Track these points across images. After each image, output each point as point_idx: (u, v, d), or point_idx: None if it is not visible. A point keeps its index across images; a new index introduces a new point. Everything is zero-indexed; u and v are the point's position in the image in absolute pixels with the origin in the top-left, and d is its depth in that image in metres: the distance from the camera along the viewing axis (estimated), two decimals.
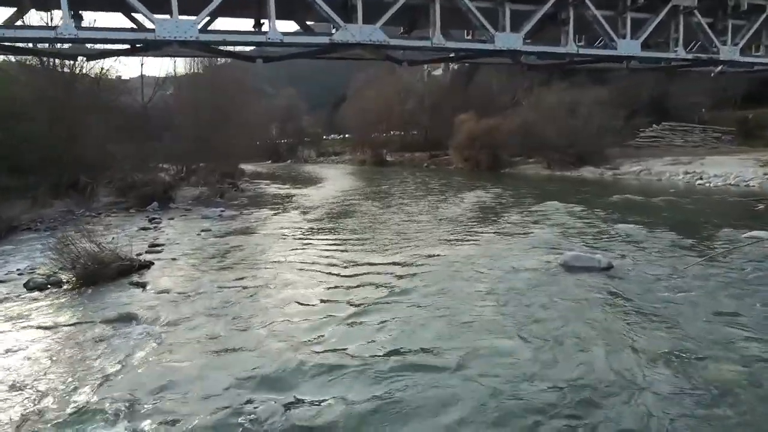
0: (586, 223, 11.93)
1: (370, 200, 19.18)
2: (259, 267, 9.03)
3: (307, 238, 11.51)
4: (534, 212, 13.98)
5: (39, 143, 18.96)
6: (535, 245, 9.72)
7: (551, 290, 7.17)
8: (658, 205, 15.24)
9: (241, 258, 9.83)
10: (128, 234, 13.75)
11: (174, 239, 12.38)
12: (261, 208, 18.51)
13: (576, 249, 9.13)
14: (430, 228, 12.19)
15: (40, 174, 19.34)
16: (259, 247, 10.77)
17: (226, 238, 12.32)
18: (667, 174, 24.48)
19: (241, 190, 26.45)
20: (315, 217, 15.27)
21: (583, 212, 13.61)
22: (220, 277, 8.45)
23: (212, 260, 9.82)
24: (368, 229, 12.59)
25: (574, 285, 7.37)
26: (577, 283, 7.43)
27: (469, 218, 13.68)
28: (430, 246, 10.09)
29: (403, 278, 7.86)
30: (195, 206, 20.42)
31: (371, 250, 10.12)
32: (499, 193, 20.16)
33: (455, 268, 8.36)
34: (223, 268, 9.16)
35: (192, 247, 11.25)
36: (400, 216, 14.51)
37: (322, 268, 8.62)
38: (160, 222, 15.82)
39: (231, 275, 8.55)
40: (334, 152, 73.07)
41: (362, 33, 10.05)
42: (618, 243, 9.69)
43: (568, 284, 7.44)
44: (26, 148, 18.25)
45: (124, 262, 8.89)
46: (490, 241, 10.38)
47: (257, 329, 6.05)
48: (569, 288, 7.25)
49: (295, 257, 9.66)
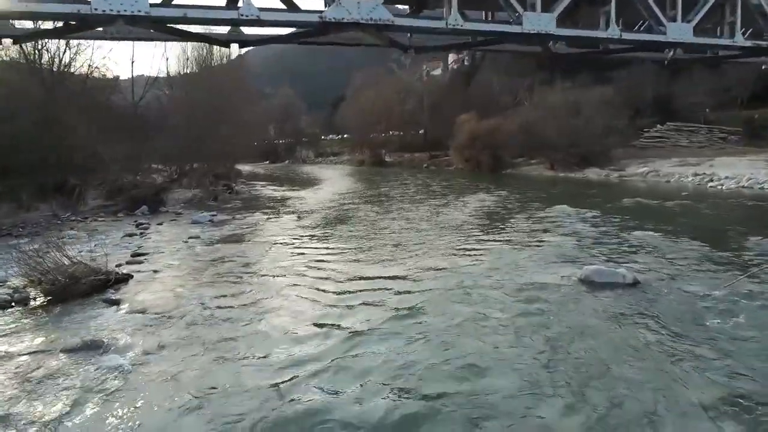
0: (601, 231, 11.11)
1: (369, 204, 18.35)
2: (247, 282, 8.20)
3: (301, 248, 10.68)
4: (543, 218, 13.17)
5: (23, 144, 18.12)
6: (550, 257, 8.91)
7: (573, 312, 6.37)
8: (673, 209, 14.46)
9: (227, 271, 9.00)
10: (112, 241, 12.97)
11: (159, 247, 11.56)
12: (254, 212, 17.68)
13: (596, 262, 8.34)
14: (433, 236, 11.36)
15: (25, 176, 18.51)
16: (248, 259, 9.93)
17: (215, 246, 11.49)
18: (676, 176, 23.72)
19: (235, 192, 25.65)
20: (310, 223, 14.43)
21: (596, 218, 12.81)
22: (204, 294, 7.62)
23: (197, 273, 9.00)
24: (366, 237, 11.75)
25: (598, 305, 6.57)
26: (602, 304, 6.62)
27: (474, 225, 12.85)
28: (433, 258, 9.27)
29: (404, 298, 7.05)
30: (187, 210, 19.61)
31: (369, 261, 9.30)
32: (504, 196, 19.36)
33: (462, 284, 7.54)
34: (208, 282, 8.33)
35: (177, 257, 10.43)
36: (400, 222, 13.65)
37: (316, 285, 7.79)
38: (148, 227, 15.00)
39: (215, 291, 7.73)
40: (333, 153, 72.42)
41: (360, 9, 8.20)
42: (640, 254, 8.88)
43: (591, 304, 6.63)
44: (9, 148, 17.40)
45: (99, 276, 8.06)
46: (498, 251, 9.56)
47: (240, 362, 5.23)
48: (594, 309, 6.45)
49: (287, 271, 8.83)
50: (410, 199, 19.32)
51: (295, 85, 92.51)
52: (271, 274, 8.62)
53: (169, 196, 21.76)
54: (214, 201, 21.87)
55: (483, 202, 17.51)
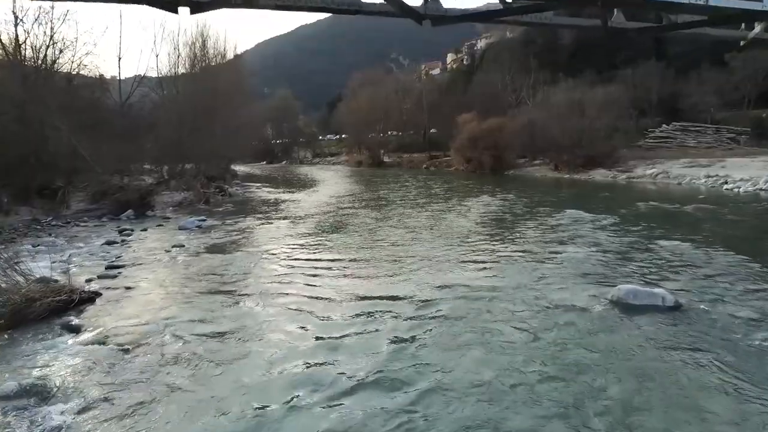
0: (624, 241, 10.10)
1: (367, 209, 17.30)
2: (229, 304, 7.18)
3: (292, 262, 9.65)
4: (556, 226, 12.15)
5: (3, 144, 17.09)
6: (572, 272, 7.91)
7: (608, 343, 5.40)
8: (694, 215, 13.48)
9: (208, 289, 7.98)
10: (90, 249, 11.95)
11: (138, 258, 10.54)
12: (246, 216, 16.64)
13: (628, 279, 7.35)
14: (437, 247, 10.32)
15: (5, 178, 17.47)
16: (234, 274, 8.91)
17: (199, 257, 10.46)
18: (687, 178, 22.76)
19: (228, 194, 24.60)
20: (304, 230, 13.38)
21: (614, 225, 11.81)
22: (178, 318, 6.61)
23: (174, 291, 7.98)
24: (364, 248, 10.71)
25: (638, 335, 5.59)
26: (642, 333, 5.64)
27: (482, 233, 11.80)
28: (439, 273, 8.25)
29: (409, 327, 6.05)
30: (176, 214, 18.62)
31: (368, 278, 8.28)
32: (509, 200, 18.36)
33: (475, 307, 6.55)
34: (185, 303, 7.31)
35: (155, 270, 9.41)
36: (401, 231, 12.55)
37: (307, 310, 6.78)
38: (131, 234, 13.98)
39: (191, 315, 6.71)
40: (330, 153, 71.53)
41: None
42: (674, 269, 7.88)
43: (629, 333, 5.65)
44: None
45: (59, 297, 7.04)
46: (513, 266, 8.55)
47: (213, 417, 4.22)
48: (633, 339, 5.47)
49: (275, 290, 7.82)
50: (411, 204, 18.27)
51: (293, 85, 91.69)
52: (258, 293, 7.59)
53: (158, 199, 20.73)
54: (205, 204, 20.84)
55: (488, 207, 16.51)
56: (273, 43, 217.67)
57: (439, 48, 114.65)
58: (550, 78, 41.49)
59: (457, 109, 40.77)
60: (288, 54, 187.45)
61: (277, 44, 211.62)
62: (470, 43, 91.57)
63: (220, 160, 32.30)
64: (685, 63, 39.57)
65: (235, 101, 35.49)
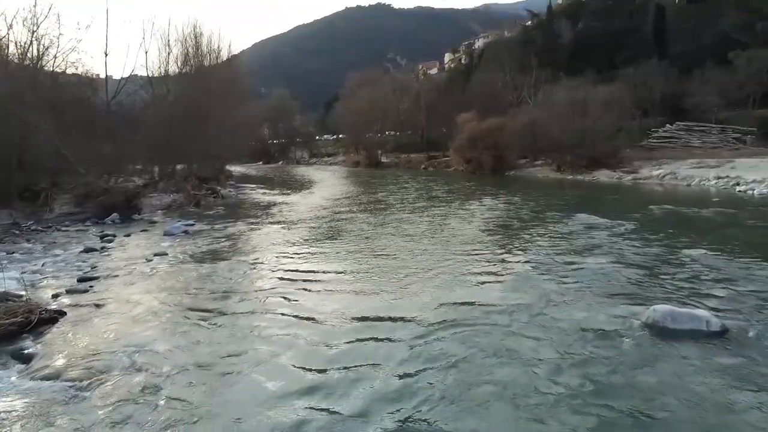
0: (647, 251, 9.20)
1: (365, 213, 16.40)
2: (209, 326, 6.32)
3: (283, 272, 8.78)
4: (569, 233, 11.25)
5: None
6: (595, 289, 7.06)
7: (648, 379, 4.57)
8: (714, 219, 12.66)
9: (187, 306, 7.12)
10: (66, 258, 11.09)
11: (115, 268, 9.66)
12: (237, 221, 15.76)
13: (661, 297, 6.50)
14: (441, 258, 9.42)
15: None
16: (217, 288, 8.04)
17: (181, 267, 9.59)
18: (696, 179, 21.98)
19: (221, 196, 23.70)
20: (297, 237, 12.49)
21: (632, 233, 10.95)
22: (151, 343, 5.76)
23: (149, 307, 7.10)
24: (361, 259, 9.80)
25: (683, 368, 4.77)
26: (687, 365, 4.81)
27: (489, 242, 10.88)
28: (443, 289, 7.38)
29: (411, 353, 5.21)
30: (164, 217, 17.73)
31: (364, 293, 7.41)
32: (514, 203, 17.52)
33: (485, 332, 5.71)
34: (160, 324, 6.45)
35: (131, 283, 8.53)
36: (401, 239, 11.55)
37: (300, 330, 5.94)
38: (113, 240, 13.10)
39: (166, 340, 5.85)
40: (327, 153, 70.72)
41: None
42: (709, 285, 7.03)
43: (672, 366, 4.82)
44: None
45: (15, 319, 6.17)
46: (525, 280, 7.68)
47: None
48: (678, 374, 4.65)
49: (263, 307, 6.97)
50: (410, 208, 17.36)
51: (290, 85, 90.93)
52: (242, 313, 6.72)
53: (146, 201, 19.84)
54: (195, 207, 19.97)
55: (493, 211, 15.66)
56: (270, 42, 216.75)
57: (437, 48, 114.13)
58: (551, 77, 40.78)
59: (455, 109, 40.00)
60: (285, 54, 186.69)
61: (274, 44, 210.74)
62: (468, 43, 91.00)
63: (214, 160, 31.41)
64: (687, 62, 38.91)
65: (230, 101, 34.67)
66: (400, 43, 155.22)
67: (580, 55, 45.44)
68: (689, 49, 41.05)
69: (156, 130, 24.15)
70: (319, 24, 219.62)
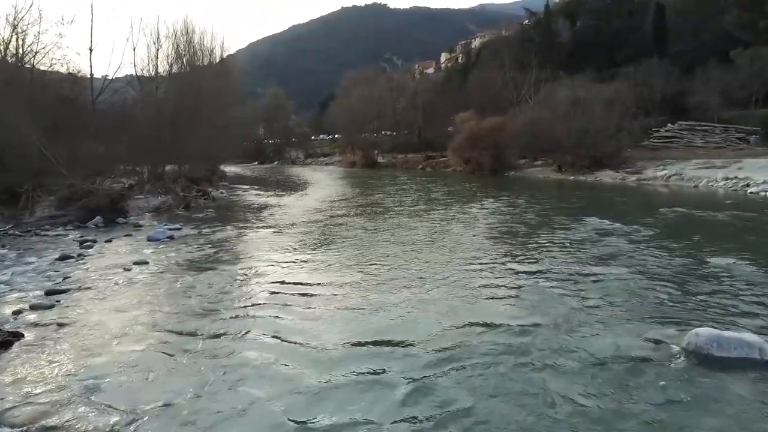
0: (671, 262, 8.30)
1: (361, 217, 15.58)
2: (187, 350, 5.52)
3: (273, 284, 7.98)
4: (582, 240, 10.42)
5: None
6: (621, 306, 6.29)
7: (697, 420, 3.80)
8: (733, 224, 11.93)
9: (165, 325, 6.32)
10: (39, 266, 10.26)
11: (89, 279, 8.85)
12: (227, 225, 14.94)
13: (696, 316, 5.75)
14: (445, 269, 8.61)
15: None
16: (199, 303, 7.23)
17: (161, 279, 8.78)
18: (703, 180, 21.31)
19: (212, 198, 22.82)
20: (289, 243, 11.66)
21: (650, 239, 10.17)
22: (117, 374, 4.96)
23: (121, 327, 6.30)
24: (358, 269, 8.98)
25: (735, 403, 4.03)
26: (742, 403, 4.06)
27: (496, 250, 10.01)
28: (449, 305, 6.59)
29: (415, 386, 4.45)
30: (151, 220, 16.89)
31: (360, 311, 6.61)
32: (518, 205, 16.78)
33: (500, 359, 4.95)
34: (130, 349, 5.65)
35: (105, 297, 7.71)
36: (401, 247, 10.65)
37: (285, 359, 5.16)
38: (92, 246, 12.26)
39: (134, 370, 5.05)
40: (323, 153, 69.98)
41: None
42: (749, 302, 6.25)
43: (721, 401, 4.09)
44: None
45: None
46: (542, 295, 6.88)
47: None
48: (729, 411, 3.91)
49: (249, 325, 6.19)
50: (409, 211, 16.52)
51: (286, 84, 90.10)
52: (225, 334, 5.93)
53: (133, 204, 18.99)
54: (184, 209, 19.11)
55: (495, 215, 14.90)
56: (266, 42, 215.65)
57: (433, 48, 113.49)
58: (551, 76, 40.12)
59: (452, 109, 39.37)
60: (281, 54, 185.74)
61: (269, 44, 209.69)
62: (465, 42, 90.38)
63: (206, 160, 30.54)
64: (688, 60, 38.34)
65: (223, 99, 33.84)
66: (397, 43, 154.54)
67: (578, 53, 44.82)
68: (689, 48, 40.48)
69: (144, 129, 23.27)
70: (315, 24, 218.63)
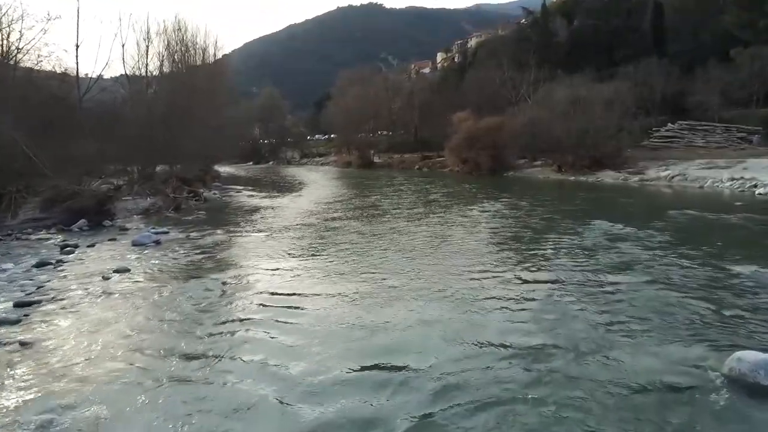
0: (695, 273, 7.63)
1: (357, 221, 14.89)
2: (157, 379, 4.89)
3: (262, 295, 7.36)
4: (593, 246, 9.75)
5: None
6: (645, 323, 5.69)
7: None
8: (749, 228, 11.34)
9: (140, 344, 5.69)
10: (13, 274, 9.62)
11: (64, 289, 8.19)
12: (217, 228, 14.27)
13: (733, 336, 5.16)
14: (446, 278, 7.98)
15: None
16: (178, 317, 6.60)
17: (142, 288, 8.13)
18: (709, 180, 20.80)
19: (203, 199, 22.14)
20: (282, 249, 10.99)
21: (666, 245, 9.56)
22: (77, 407, 4.32)
23: (88, 347, 5.67)
24: (353, 278, 8.31)
25: None
26: None
27: (503, 258, 9.32)
28: (453, 325, 5.97)
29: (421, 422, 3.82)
30: (140, 223, 16.21)
31: (356, 328, 5.99)
32: (520, 207, 16.19)
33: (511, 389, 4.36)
34: (100, 374, 5.02)
35: (78, 310, 7.06)
36: (400, 254, 9.95)
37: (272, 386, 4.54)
38: (74, 251, 11.60)
39: (103, 401, 4.41)
40: (319, 153, 69.27)
41: None
42: None
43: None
44: None
45: None
46: (556, 312, 6.21)
47: None
48: None
49: (235, 343, 5.59)
50: (407, 215, 15.84)
51: (281, 84, 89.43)
52: (207, 356, 5.30)
53: (121, 206, 18.31)
54: (174, 212, 18.42)
55: (498, 218, 14.30)
56: (261, 42, 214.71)
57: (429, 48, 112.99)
58: (549, 75, 39.59)
59: (449, 108, 38.75)
60: (276, 54, 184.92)
61: (265, 44, 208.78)
62: (461, 41, 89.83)
63: (199, 160, 29.82)
64: (687, 60, 37.89)
65: (217, 99, 33.16)
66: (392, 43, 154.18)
67: (576, 53, 44.31)
68: (689, 48, 40.04)
69: (134, 128, 22.56)
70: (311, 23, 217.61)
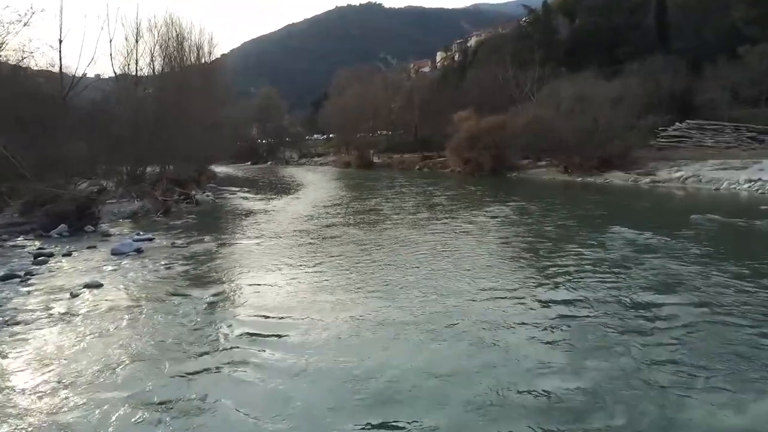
0: (747, 294, 6.61)
1: (357, 228, 13.84)
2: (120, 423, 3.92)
3: (252, 317, 6.39)
4: (620, 260, 8.64)
5: None
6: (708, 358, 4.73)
7: None
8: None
9: (100, 379, 4.70)
10: None
11: (26, 307, 7.22)
12: (206, 234, 13.28)
13: None
14: (456, 298, 6.96)
15: None
16: (153, 343, 5.63)
17: (113, 305, 7.14)
18: (725, 182, 19.89)
19: (195, 202, 21.11)
20: (275, 261, 9.95)
21: (701, 258, 8.56)
22: None
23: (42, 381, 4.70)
24: (352, 296, 7.32)
25: None
26: None
27: (519, 275, 8.25)
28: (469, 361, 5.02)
29: None
30: (124, 228, 15.22)
31: (355, 357, 5.03)
32: (529, 212, 15.22)
33: None
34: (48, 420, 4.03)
35: (35, 335, 6.09)
36: (402, 268, 8.93)
37: None
38: (47, 260, 10.60)
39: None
40: (317, 153, 68.34)
41: None
42: None
43: None
44: None
45: None
46: (591, 345, 5.20)
47: None
48: None
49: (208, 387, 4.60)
50: (409, 221, 14.70)
51: (280, 84, 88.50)
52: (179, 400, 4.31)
53: (107, 209, 17.28)
54: (163, 215, 17.43)
55: (507, 225, 13.32)
56: (259, 42, 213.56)
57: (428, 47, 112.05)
58: (551, 73, 38.69)
59: (450, 107, 37.82)
60: (274, 53, 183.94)
61: (263, 43, 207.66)
62: (461, 41, 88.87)
63: (193, 161, 28.81)
64: (692, 57, 37.01)
65: (212, 98, 32.23)
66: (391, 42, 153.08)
67: (579, 51, 43.43)
68: (693, 45, 39.14)
69: (123, 127, 21.57)
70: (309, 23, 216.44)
